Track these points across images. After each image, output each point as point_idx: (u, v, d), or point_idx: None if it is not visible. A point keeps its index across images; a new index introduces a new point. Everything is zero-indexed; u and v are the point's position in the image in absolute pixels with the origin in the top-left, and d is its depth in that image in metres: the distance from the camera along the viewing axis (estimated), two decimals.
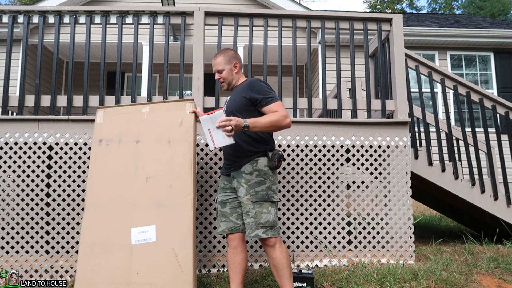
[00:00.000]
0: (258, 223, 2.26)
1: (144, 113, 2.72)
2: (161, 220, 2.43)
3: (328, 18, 3.53)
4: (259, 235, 2.26)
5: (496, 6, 23.35)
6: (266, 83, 2.44)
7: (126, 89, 8.53)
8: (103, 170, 2.62)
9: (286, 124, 2.29)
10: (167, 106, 2.73)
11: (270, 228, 2.28)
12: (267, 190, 2.33)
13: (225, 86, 2.54)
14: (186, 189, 2.49)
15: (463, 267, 3.07)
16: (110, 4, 7.38)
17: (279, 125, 2.28)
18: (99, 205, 2.52)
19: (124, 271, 2.34)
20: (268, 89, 2.38)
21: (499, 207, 3.73)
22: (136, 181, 2.56)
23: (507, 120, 3.91)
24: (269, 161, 2.35)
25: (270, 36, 3.56)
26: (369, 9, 28.02)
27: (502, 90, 7.60)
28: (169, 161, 2.57)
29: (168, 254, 2.35)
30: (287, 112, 2.33)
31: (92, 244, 2.43)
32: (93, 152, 2.67)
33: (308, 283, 2.58)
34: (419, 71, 3.88)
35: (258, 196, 2.30)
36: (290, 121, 2.31)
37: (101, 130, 2.72)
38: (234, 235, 2.41)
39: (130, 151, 2.64)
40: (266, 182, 2.33)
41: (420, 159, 3.74)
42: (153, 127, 2.67)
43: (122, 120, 2.73)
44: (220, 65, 2.48)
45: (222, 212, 2.46)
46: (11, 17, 3.39)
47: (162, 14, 3.43)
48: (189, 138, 2.60)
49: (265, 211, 2.29)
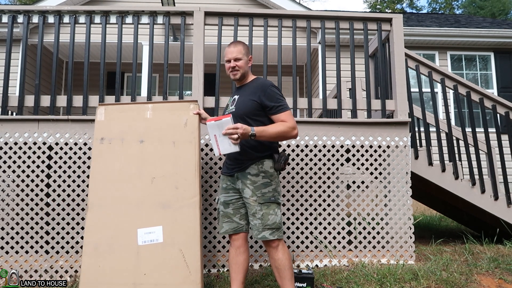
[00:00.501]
0: (265, 224, 2.25)
1: (147, 112, 2.70)
2: (168, 221, 2.44)
3: (328, 18, 3.52)
4: (266, 237, 2.24)
5: (496, 6, 23.34)
6: (278, 89, 2.40)
7: (126, 89, 8.53)
8: (106, 169, 2.59)
9: (293, 136, 2.29)
10: (170, 107, 2.72)
11: (277, 229, 2.27)
12: (273, 191, 2.31)
13: (238, 75, 2.43)
14: (192, 191, 2.51)
15: (463, 267, 3.07)
16: (110, 4, 7.37)
17: (286, 136, 2.28)
18: (102, 205, 2.50)
19: (131, 271, 2.34)
20: (279, 96, 2.35)
21: (499, 207, 3.72)
22: (141, 181, 2.55)
23: (507, 120, 3.90)
24: (274, 163, 2.33)
25: (270, 36, 3.56)
26: (369, 9, 28.02)
27: (502, 90, 7.60)
28: (174, 162, 2.58)
29: (175, 255, 2.37)
30: (295, 122, 2.31)
31: (96, 244, 2.42)
32: (94, 151, 2.63)
33: (308, 283, 2.58)
34: (419, 71, 3.88)
35: (265, 198, 2.28)
36: (297, 132, 2.31)
37: (102, 128, 2.68)
38: (238, 235, 2.40)
39: (134, 150, 2.62)
40: (272, 184, 2.32)
41: (420, 159, 3.74)
42: (157, 127, 2.66)
43: (124, 118, 2.70)
44: (239, 54, 2.40)
45: (224, 213, 2.42)
46: (11, 17, 3.38)
47: (162, 14, 3.43)
48: (194, 139, 2.62)
49: (272, 212, 2.28)
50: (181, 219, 2.45)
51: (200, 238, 2.44)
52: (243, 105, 2.35)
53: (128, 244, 2.41)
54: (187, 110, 2.68)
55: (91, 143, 3.17)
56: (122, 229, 2.44)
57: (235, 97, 2.45)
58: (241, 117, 2.30)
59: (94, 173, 2.58)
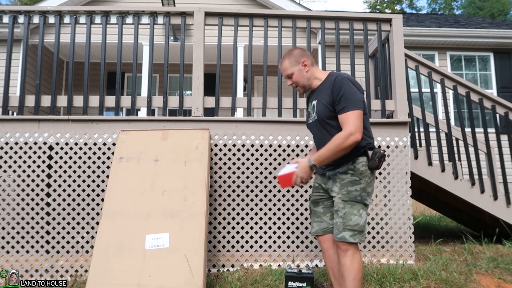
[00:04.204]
0: (347, 224, 2.05)
1: (162, 137, 3.04)
2: (175, 229, 2.60)
3: (328, 18, 3.53)
4: (345, 238, 2.04)
5: (495, 6, 23.36)
6: (349, 82, 2.08)
7: (126, 89, 8.53)
8: (122, 183, 2.83)
9: (348, 145, 1.99)
10: (184, 132, 3.08)
11: (359, 233, 2.06)
12: (361, 191, 2.09)
13: (300, 90, 2.28)
14: (199, 203, 2.72)
15: (462, 267, 3.08)
16: (110, 4, 7.38)
17: (342, 149, 2.00)
18: (116, 213, 2.69)
19: (136, 273, 2.44)
20: (346, 91, 2.05)
21: (498, 207, 3.73)
22: (153, 194, 2.77)
23: (507, 120, 3.91)
24: (368, 160, 2.12)
25: (270, 36, 3.57)
26: (369, 9, 28.03)
27: (502, 90, 7.61)
28: (185, 178, 2.83)
29: (180, 260, 2.48)
30: (352, 127, 1.99)
31: (106, 247, 2.55)
32: (113, 168, 2.91)
33: (308, 283, 2.58)
34: (419, 71, 3.88)
35: (350, 196, 2.08)
36: (355, 138, 1.99)
37: (121, 149, 2.99)
38: (324, 237, 2.28)
39: (148, 168, 2.89)
40: (361, 183, 2.10)
41: (420, 159, 3.74)
42: (171, 149, 2.97)
43: (142, 142, 3.04)
44: (287, 70, 2.22)
45: (314, 212, 2.32)
46: (11, 17, 3.39)
47: (162, 14, 3.43)
48: (203, 159, 2.94)
49: (355, 213, 2.06)
50: (187, 227, 2.61)
51: (205, 244, 2.56)
52: (321, 111, 2.17)
53: (136, 248, 2.54)
54: (198, 135, 3.07)
55: (91, 143, 3.18)
56: (132, 234, 2.60)
57: (314, 103, 2.25)
58: (325, 122, 2.16)
59: (111, 186, 2.82)
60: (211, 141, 3.24)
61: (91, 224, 3.09)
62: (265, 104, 3.39)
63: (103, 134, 3.21)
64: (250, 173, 3.26)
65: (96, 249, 2.55)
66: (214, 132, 3.26)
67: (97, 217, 3.10)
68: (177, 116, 3.29)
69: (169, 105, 3.36)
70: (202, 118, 3.28)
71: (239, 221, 3.21)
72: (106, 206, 2.73)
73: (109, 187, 2.81)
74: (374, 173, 2.18)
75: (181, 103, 3.35)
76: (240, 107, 3.42)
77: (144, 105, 3.38)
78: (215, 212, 3.20)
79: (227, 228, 3.19)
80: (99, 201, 3.12)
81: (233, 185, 3.24)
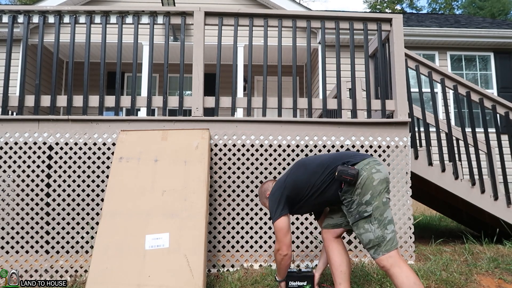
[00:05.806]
0: (364, 245, 2.14)
1: (162, 137, 3.02)
2: (175, 229, 2.59)
3: (328, 18, 3.53)
4: (373, 258, 2.10)
5: (496, 6, 23.35)
6: (273, 195, 2.33)
7: (126, 89, 8.53)
8: (121, 183, 2.81)
9: (282, 258, 2.29)
10: (184, 133, 3.06)
11: (378, 245, 2.03)
12: (357, 206, 2.11)
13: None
14: (199, 202, 2.71)
15: (463, 267, 3.07)
16: (110, 4, 7.38)
17: (281, 263, 2.33)
18: (115, 213, 2.68)
19: (136, 273, 2.43)
20: (271, 205, 2.32)
21: (499, 207, 3.72)
22: (152, 194, 2.75)
23: (507, 120, 3.90)
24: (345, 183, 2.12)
25: (270, 36, 3.56)
26: (369, 9, 28.03)
27: (502, 90, 7.60)
28: (184, 178, 2.81)
29: (180, 260, 2.47)
30: (277, 242, 2.26)
31: (106, 247, 2.53)
32: (113, 168, 2.89)
33: (308, 282, 2.58)
34: (419, 71, 3.88)
35: (352, 218, 2.14)
36: (283, 252, 2.24)
37: (121, 150, 2.97)
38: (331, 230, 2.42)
39: (148, 168, 2.88)
40: (353, 199, 2.12)
41: (420, 159, 3.74)
42: (171, 149, 2.96)
43: (142, 142, 3.03)
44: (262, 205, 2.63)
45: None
46: (11, 17, 3.39)
47: (162, 14, 3.43)
48: (203, 159, 2.92)
49: (362, 231, 2.09)
50: (187, 227, 2.61)
51: (205, 244, 2.55)
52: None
53: (135, 248, 2.52)
54: (198, 135, 3.05)
55: (91, 143, 3.18)
56: (132, 234, 2.58)
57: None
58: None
59: (111, 186, 2.80)
60: (211, 141, 3.23)
61: (91, 224, 3.08)
62: (265, 104, 3.39)
63: (103, 134, 3.20)
64: (250, 173, 3.26)
65: (95, 249, 2.54)
66: (214, 132, 3.26)
67: (97, 217, 3.10)
68: (177, 116, 3.28)
69: (169, 105, 3.36)
70: (202, 118, 3.28)
71: (239, 221, 3.21)
72: (106, 206, 2.72)
73: (109, 187, 2.80)
74: (362, 181, 2.07)
75: (181, 103, 3.34)
76: (240, 107, 3.41)
77: (144, 105, 3.37)
78: (215, 212, 3.19)
79: (227, 228, 3.18)
80: (99, 201, 3.12)
81: (233, 185, 3.23)
